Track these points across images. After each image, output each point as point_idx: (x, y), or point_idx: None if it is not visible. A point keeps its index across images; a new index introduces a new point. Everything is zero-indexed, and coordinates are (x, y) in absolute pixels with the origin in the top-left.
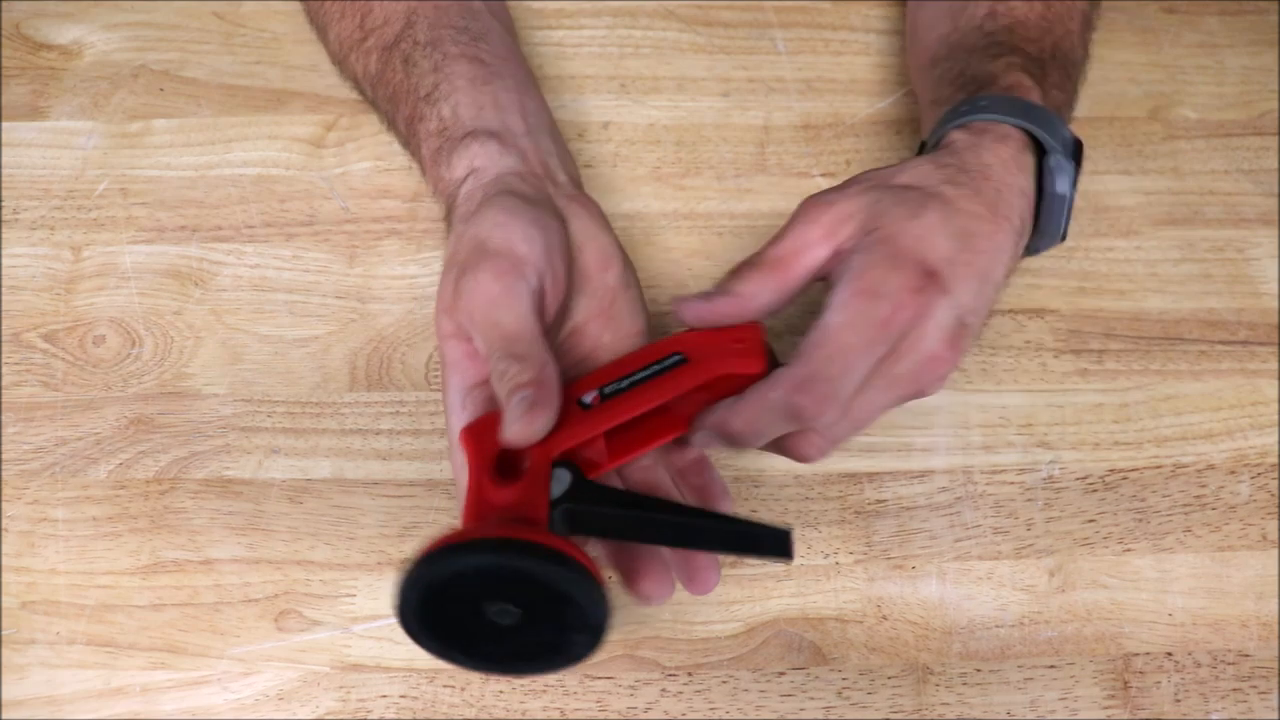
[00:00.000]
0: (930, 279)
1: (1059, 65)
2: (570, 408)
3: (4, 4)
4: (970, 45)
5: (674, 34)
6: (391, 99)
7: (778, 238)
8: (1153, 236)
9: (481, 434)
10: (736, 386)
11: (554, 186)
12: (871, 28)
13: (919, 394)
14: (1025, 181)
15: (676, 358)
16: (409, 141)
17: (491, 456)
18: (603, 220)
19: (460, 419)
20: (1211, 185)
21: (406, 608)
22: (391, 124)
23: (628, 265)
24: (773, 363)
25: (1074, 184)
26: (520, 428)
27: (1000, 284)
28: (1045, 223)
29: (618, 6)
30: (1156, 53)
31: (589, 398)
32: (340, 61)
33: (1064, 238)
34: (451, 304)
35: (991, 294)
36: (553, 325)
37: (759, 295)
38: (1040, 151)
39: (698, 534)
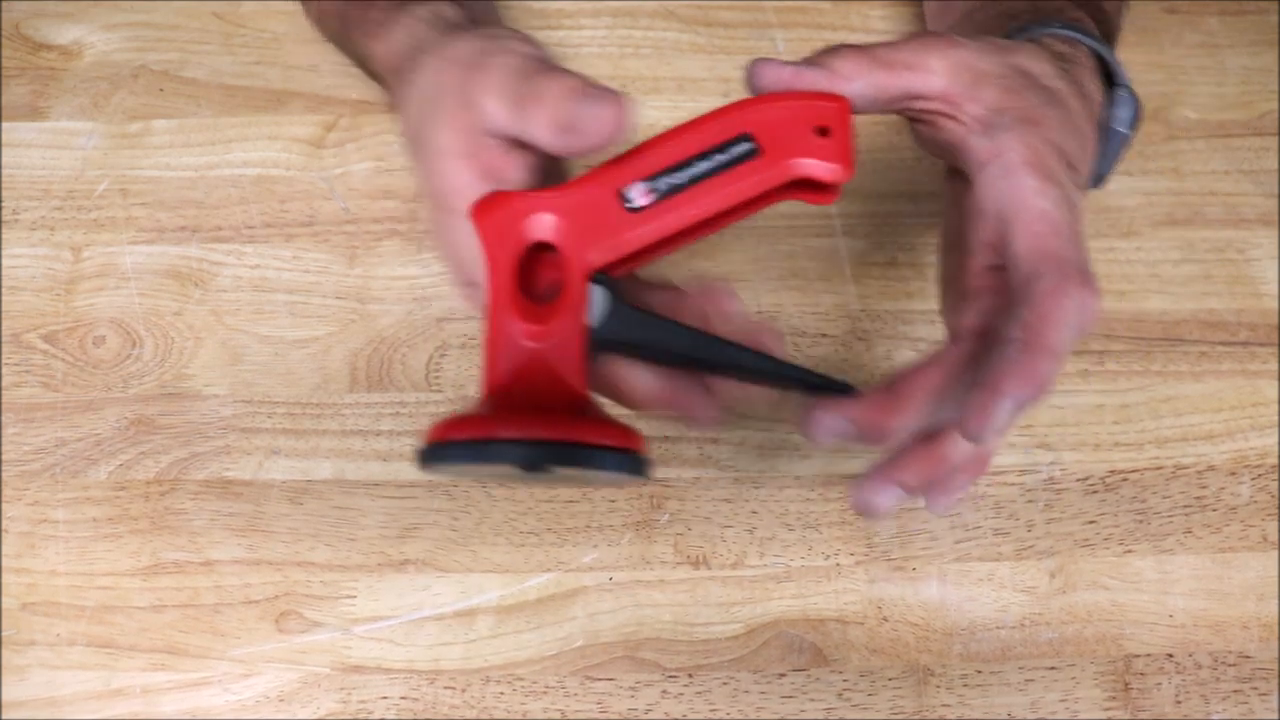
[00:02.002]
0: (1075, 175)
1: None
2: (611, 207)
3: (4, 4)
4: None
5: (674, 34)
6: (343, 18)
7: (891, 44)
8: (1153, 237)
9: (501, 222)
10: (809, 192)
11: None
12: (872, 28)
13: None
14: (1099, 109)
15: (746, 145)
16: (356, 29)
17: (514, 258)
18: None
19: (462, 172)
20: (1212, 186)
21: (441, 468)
22: (342, 38)
23: None
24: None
25: (1132, 125)
26: (600, 119)
27: None
28: (1096, 161)
29: (618, 6)
30: (1157, 53)
31: (636, 192)
32: (321, 22)
33: (1101, 182)
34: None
35: None
36: None
37: (855, 80)
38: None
39: (750, 371)
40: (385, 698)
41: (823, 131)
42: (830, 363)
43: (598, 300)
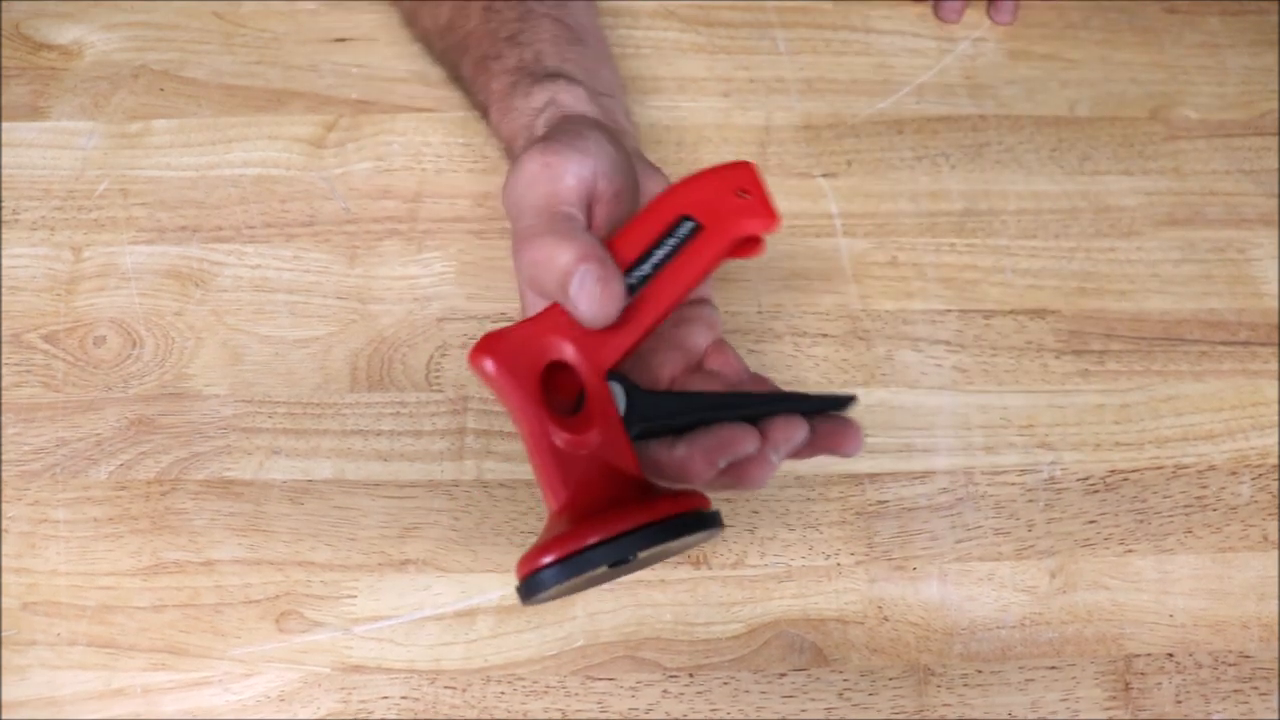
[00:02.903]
0: None
1: None
2: None
3: (4, 4)
4: None
5: (674, 34)
6: (461, 45)
7: None
8: (1154, 237)
9: (512, 357)
10: (748, 245)
11: (629, 144)
12: (872, 28)
13: None
14: None
15: (688, 224)
16: (474, 82)
17: (537, 384)
18: None
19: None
20: (1212, 185)
21: (543, 594)
22: (455, 74)
23: None
24: None
25: None
26: (596, 305)
27: None
28: None
29: (618, 6)
30: (1158, 53)
31: None
32: (411, 21)
33: None
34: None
35: None
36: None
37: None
38: None
39: (769, 411)
40: (386, 698)
41: (743, 193)
42: (831, 362)
43: (618, 394)
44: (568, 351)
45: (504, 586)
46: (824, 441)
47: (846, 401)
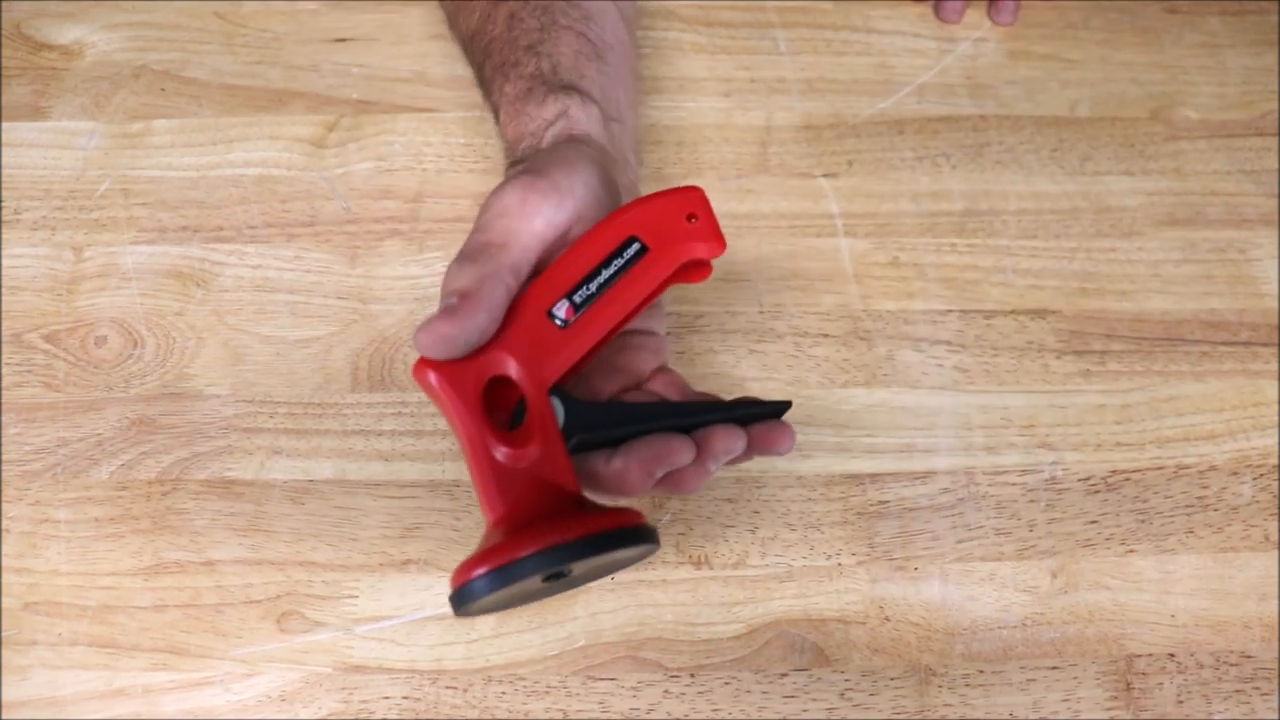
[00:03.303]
0: None
1: None
2: (545, 328)
3: (4, 4)
4: None
5: (675, 34)
6: (485, 49)
7: None
8: (1155, 237)
9: (454, 369)
10: (696, 269)
11: (625, 180)
12: (873, 28)
13: None
14: None
15: (635, 246)
16: (491, 83)
17: (478, 399)
18: None
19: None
20: (1213, 186)
21: (474, 604)
22: (479, 76)
23: None
24: None
25: None
26: (425, 335)
27: None
28: None
29: None
30: (1158, 53)
31: (561, 309)
32: (452, 23)
33: None
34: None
35: None
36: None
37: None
38: None
39: (706, 421)
40: (387, 698)
41: (691, 218)
42: (832, 362)
43: (558, 408)
44: (511, 367)
45: None
46: (758, 445)
47: (783, 409)
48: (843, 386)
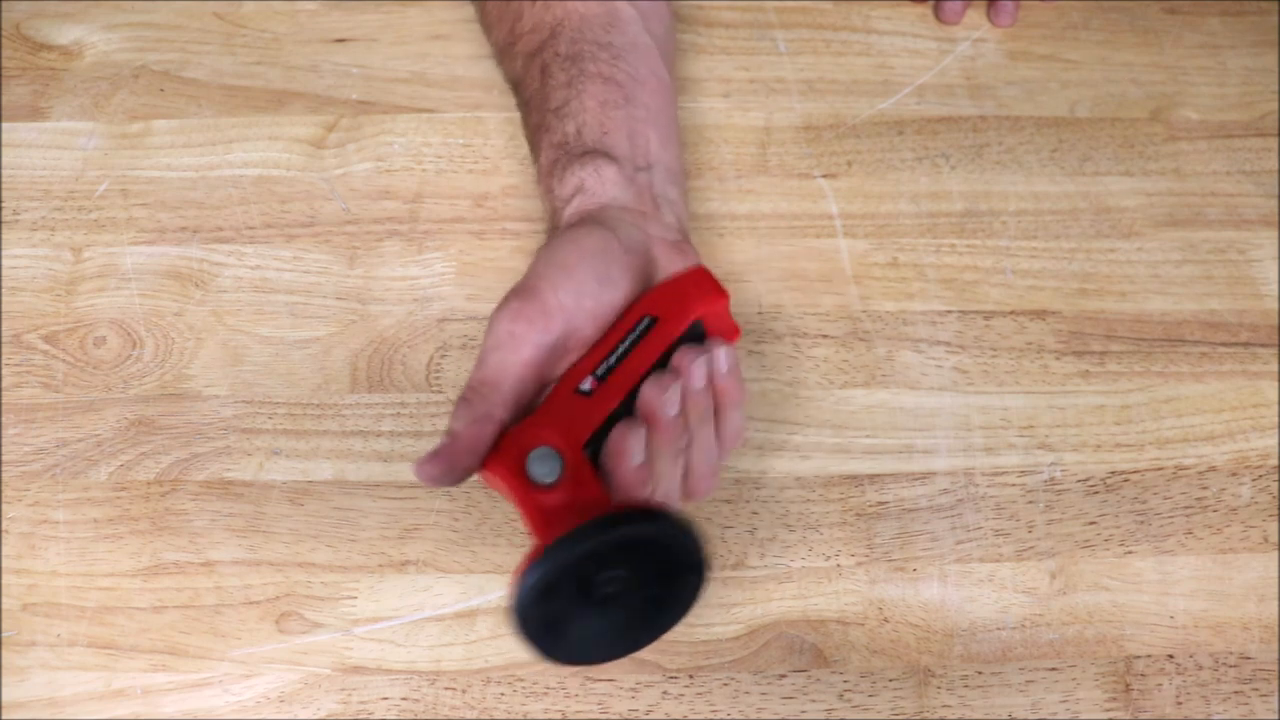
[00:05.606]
0: None
1: None
2: (575, 401)
3: (4, 4)
4: None
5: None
6: (526, 104)
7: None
8: (1154, 238)
9: (499, 453)
10: (710, 324)
11: (658, 228)
12: (873, 28)
13: None
14: None
15: (647, 320)
16: (533, 148)
17: (521, 468)
18: None
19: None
20: (1213, 186)
21: (529, 608)
22: (524, 123)
23: None
24: None
25: None
26: (420, 473)
27: None
28: None
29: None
30: (1158, 54)
31: (586, 384)
32: (499, 63)
33: None
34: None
35: None
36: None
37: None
38: None
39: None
40: (386, 698)
41: (695, 285)
42: (832, 363)
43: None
44: (548, 437)
45: (504, 587)
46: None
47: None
48: (842, 387)
